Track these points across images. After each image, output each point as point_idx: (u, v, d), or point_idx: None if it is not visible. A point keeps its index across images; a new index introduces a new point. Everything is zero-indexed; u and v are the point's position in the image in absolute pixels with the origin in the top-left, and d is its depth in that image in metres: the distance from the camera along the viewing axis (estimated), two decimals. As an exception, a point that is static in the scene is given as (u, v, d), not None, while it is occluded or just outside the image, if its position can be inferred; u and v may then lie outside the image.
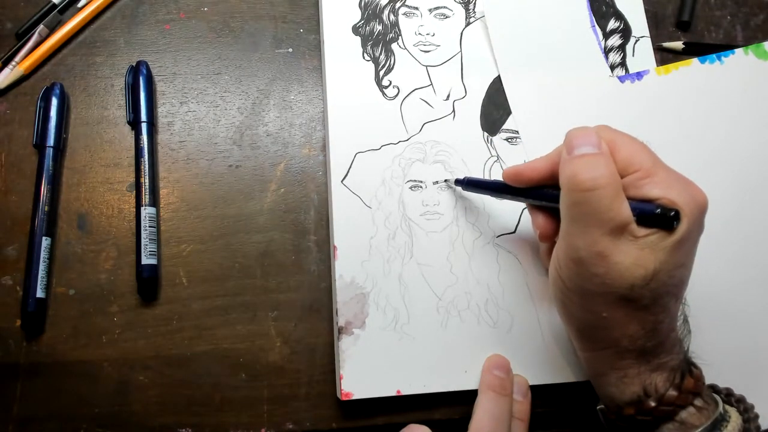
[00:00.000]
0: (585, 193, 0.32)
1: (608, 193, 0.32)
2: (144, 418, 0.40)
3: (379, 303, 0.41)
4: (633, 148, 0.34)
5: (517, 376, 0.41)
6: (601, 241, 0.32)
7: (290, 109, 0.47)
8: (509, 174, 0.39)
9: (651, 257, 0.32)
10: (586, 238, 0.32)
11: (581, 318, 0.35)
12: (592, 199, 0.32)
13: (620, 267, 0.32)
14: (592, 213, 0.32)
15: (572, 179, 0.33)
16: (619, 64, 0.49)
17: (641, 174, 0.33)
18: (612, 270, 0.32)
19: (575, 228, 0.33)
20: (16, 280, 0.42)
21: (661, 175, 0.33)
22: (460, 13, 0.49)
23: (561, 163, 0.34)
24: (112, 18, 0.48)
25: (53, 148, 0.43)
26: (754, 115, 0.47)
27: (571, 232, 0.33)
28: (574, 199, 0.33)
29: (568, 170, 0.33)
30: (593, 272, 0.32)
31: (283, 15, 0.49)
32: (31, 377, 0.40)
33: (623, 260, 0.32)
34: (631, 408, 0.35)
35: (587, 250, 0.32)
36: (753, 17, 0.52)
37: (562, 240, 0.34)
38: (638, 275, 0.32)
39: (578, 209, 0.33)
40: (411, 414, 0.41)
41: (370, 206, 0.43)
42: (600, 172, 0.32)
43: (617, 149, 0.34)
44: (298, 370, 0.42)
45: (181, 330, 0.42)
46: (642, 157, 0.33)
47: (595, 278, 0.32)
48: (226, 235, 0.44)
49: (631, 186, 0.33)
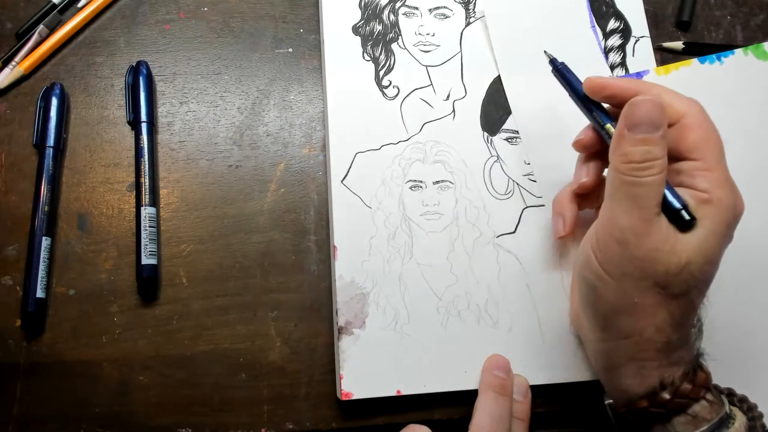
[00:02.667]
0: (638, 176, 0.32)
1: (659, 180, 0.32)
2: (144, 418, 0.40)
3: (379, 303, 0.41)
4: (706, 135, 0.34)
5: (517, 376, 0.41)
6: (645, 224, 0.32)
7: (290, 109, 0.47)
8: (595, 85, 0.37)
9: (685, 248, 0.32)
10: (631, 219, 0.32)
11: (611, 302, 0.35)
12: (643, 183, 0.32)
13: (659, 253, 0.32)
14: (640, 196, 0.32)
15: (626, 160, 0.33)
16: (619, 64, 0.49)
17: (702, 165, 0.33)
18: (651, 255, 0.32)
19: (621, 207, 0.33)
20: (16, 280, 0.42)
21: (718, 173, 0.33)
22: (460, 13, 0.49)
23: (617, 137, 0.34)
24: (112, 18, 0.48)
25: (53, 148, 0.43)
26: (753, 115, 0.47)
27: (616, 211, 0.33)
28: (624, 180, 0.33)
29: (624, 149, 0.33)
30: (634, 254, 0.33)
31: (283, 15, 0.49)
32: (31, 377, 0.40)
33: (662, 247, 0.32)
34: (644, 401, 0.35)
35: (631, 231, 0.32)
36: (753, 17, 0.52)
37: (604, 219, 0.34)
38: (673, 263, 0.32)
39: (627, 190, 0.33)
40: (411, 414, 0.41)
41: (370, 206, 0.43)
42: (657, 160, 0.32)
43: (691, 130, 0.34)
44: (298, 370, 0.42)
45: (181, 330, 0.42)
46: (709, 149, 0.34)
47: (635, 261, 0.33)
48: (226, 235, 0.44)
49: (685, 172, 0.33)
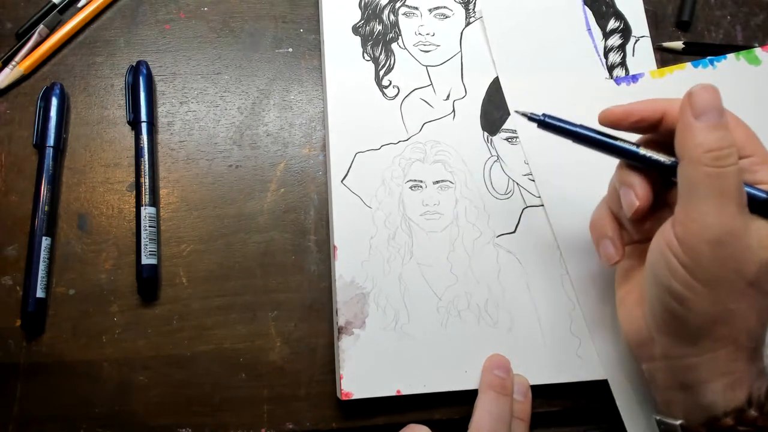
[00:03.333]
0: (723, 166, 0.30)
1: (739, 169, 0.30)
2: (144, 418, 0.40)
3: (379, 303, 0.41)
4: (748, 131, 0.33)
5: (517, 376, 0.41)
6: (737, 218, 0.30)
7: (290, 109, 0.47)
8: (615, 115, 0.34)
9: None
10: (722, 217, 0.30)
11: (704, 313, 0.31)
12: (729, 173, 0.30)
13: (751, 249, 0.30)
14: (727, 188, 0.30)
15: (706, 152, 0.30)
16: (619, 63, 0.49)
17: (758, 159, 0.32)
18: (745, 252, 0.30)
19: (708, 205, 0.30)
20: (16, 280, 0.42)
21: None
22: (460, 13, 0.49)
23: (685, 128, 0.31)
24: (112, 18, 0.48)
25: (53, 148, 0.43)
26: (745, 118, 0.47)
27: (703, 210, 0.30)
28: (708, 173, 0.30)
29: (698, 138, 0.31)
30: (730, 254, 0.30)
31: (283, 15, 0.49)
32: (31, 377, 0.40)
33: (752, 242, 0.30)
34: (730, 418, 0.31)
35: (723, 229, 0.30)
36: (753, 17, 0.52)
37: (689, 221, 0.31)
38: (764, 258, 0.30)
39: (712, 184, 0.30)
40: (411, 414, 0.41)
41: (370, 206, 0.43)
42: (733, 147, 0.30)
43: (735, 128, 0.32)
44: (298, 370, 0.42)
45: (181, 330, 0.42)
46: (757, 143, 0.33)
47: (731, 262, 0.30)
48: (226, 235, 0.44)
49: (746, 169, 0.32)
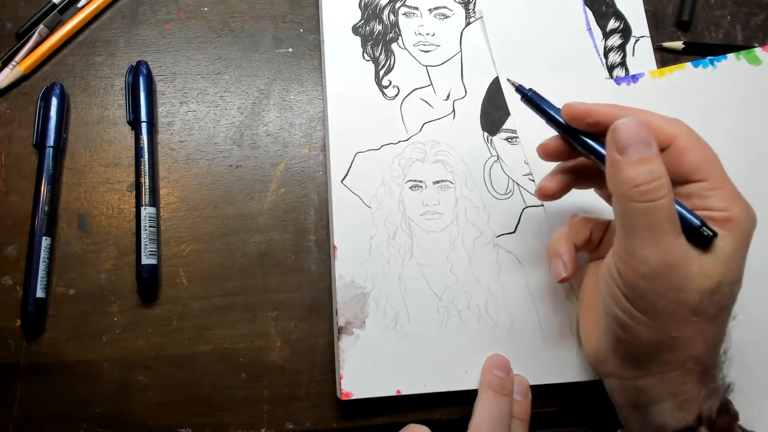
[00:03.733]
0: (650, 201, 0.30)
1: (671, 200, 0.30)
2: (144, 418, 0.40)
3: (379, 303, 0.41)
4: (705, 154, 0.32)
5: (517, 376, 0.41)
6: (673, 250, 0.30)
7: (290, 109, 0.47)
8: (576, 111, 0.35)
9: (715, 268, 0.31)
10: (656, 249, 0.30)
11: (647, 341, 0.32)
12: (659, 207, 0.30)
13: (691, 278, 0.30)
14: (658, 221, 0.30)
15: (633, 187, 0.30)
16: (619, 63, 0.49)
17: (709, 185, 0.32)
18: (684, 282, 0.30)
19: (641, 239, 0.30)
20: (16, 280, 0.42)
21: (728, 189, 0.32)
22: (460, 13, 0.49)
23: (611, 164, 0.31)
24: (112, 18, 0.48)
25: (53, 148, 0.43)
26: (746, 118, 0.48)
27: (637, 244, 0.31)
28: (637, 208, 0.30)
29: (624, 174, 0.31)
30: (668, 285, 0.30)
31: (283, 15, 0.49)
32: (31, 377, 0.40)
33: (692, 270, 0.30)
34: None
35: (659, 262, 0.30)
36: (753, 17, 0.52)
37: (624, 255, 0.31)
38: (706, 286, 0.30)
39: (642, 218, 0.30)
40: (411, 414, 0.41)
41: (370, 206, 0.43)
42: (663, 178, 0.30)
43: (688, 152, 0.32)
44: (298, 370, 0.42)
45: (181, 330, 0.42)
46: (712, 167, 0.32)
47: (669, 293, 0.31)
48: (226, 235, 0.44)
49: (696, 194, 0.32)
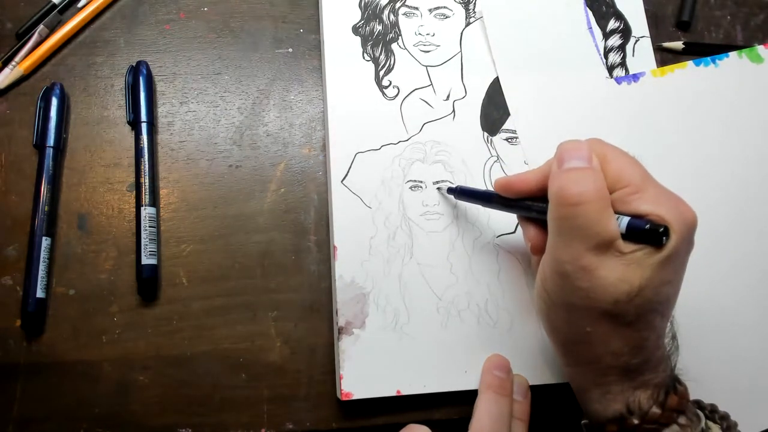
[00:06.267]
0: (572, 207, 0.32)
1: (595, 208, 0.31)
2: (144, 418, 0.40)
3: (379, 303, 0.41)
4: (623, 162, 0.34)
5: (517, 376, 0.41)
6: (586, 255, 0.32)
7: (290, 109, 0.47)
8: (501, 185, 0.38)
9: (637, 273, 0.31)
10: (571, 252, 0.32)
11: (565, 332, 0.35)
12: (578, 213, 0.32)
13: (605, 282, 0.31)
14: (578, 227, 0.32)
15: (560, 193, 0.32)
16: (619, 64, 0.49)
17: (631, 189, 0.33)
18: (596, 285, 0.32)
19: (561, 241, 0.33)
20: (16, 280, 0.42)
21: (651, 191, 0.33)
22: (460, 13, 0.49)
23: (550, 176, 0.34)
24: (112, 18, 0.48)
25: (53, 148, 0.43)
26: (747, 117, 0.48)
27: (557, 245, 0.33)
28: (561, 213, 0.32)
29: (556, 184, 0.33)
30: (577, 286, 0.32)
31: (283, 15, 0.49)
32: (31, 377, 0.40)
33: (608, 275, 0.31)
34: (613, 425, 0.34)
35: (572, 264, 0.32)
36: (753, 17, 0.52)
37: (548, 253, 0.34)
38: (622, 291, 0.31)
39: (565, 223, 0.32)
40: (411, 414, 0.41)
41: (370, 206, 0.43)
42: (587, 186, 0.32)
43: (608, 163, 0.33)
44: (298, 370, 0.42)
45: (181, 330, 0.42)
46: (632, 172, 0.33)
47: (579, 292, 0.32)
48: (226, 235, 0.44)
49: (619, 201, 0.33)
